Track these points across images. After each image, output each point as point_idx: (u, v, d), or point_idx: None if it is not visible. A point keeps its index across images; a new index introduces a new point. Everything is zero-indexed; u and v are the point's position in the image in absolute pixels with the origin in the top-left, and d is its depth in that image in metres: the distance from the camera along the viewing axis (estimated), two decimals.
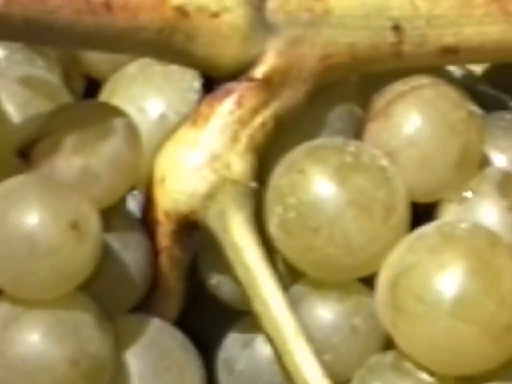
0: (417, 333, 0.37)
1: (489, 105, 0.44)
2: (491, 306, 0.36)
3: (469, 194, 0.40)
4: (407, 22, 0.41)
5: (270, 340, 0.38)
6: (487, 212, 0.39)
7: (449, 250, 0.37)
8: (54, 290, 0.36)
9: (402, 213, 0.39)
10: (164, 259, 0.40)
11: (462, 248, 0.37)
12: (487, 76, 0.47)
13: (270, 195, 0.39)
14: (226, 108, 0.39)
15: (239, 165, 0.39)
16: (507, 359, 0.38)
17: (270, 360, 0.40)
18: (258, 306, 0.37)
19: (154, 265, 0.40)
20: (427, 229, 0.38)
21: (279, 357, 0.38)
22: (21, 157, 0.38)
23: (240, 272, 0.38)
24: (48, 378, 0.35)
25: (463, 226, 0.38)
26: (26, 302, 0.36)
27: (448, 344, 0.37)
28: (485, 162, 0.41)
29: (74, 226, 0.36)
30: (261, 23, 0.39)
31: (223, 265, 0.39)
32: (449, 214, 0.40)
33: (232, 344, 0.42)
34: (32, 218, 0.35)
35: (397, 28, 0.40)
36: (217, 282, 0.41)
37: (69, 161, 0.37)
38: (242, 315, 0.41)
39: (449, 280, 0.36)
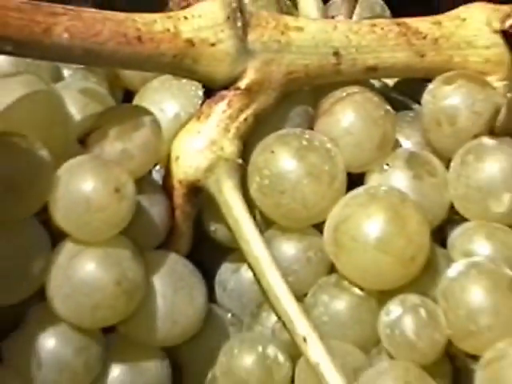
0: (351, 261, 0.39)
1: (398, 106, 0.44)
2: (402, 243, 0.38)
3: (386, 167, 0.41)
4: (344, 49, 0.42)
5: (251, 268, 0.39)
6: (399, 179, 0.40)
7: (373, 204, 0.38)
8: (103, 234, 0.38)
9: (342, 180, 0.40)
10: (178, 213, 0.41)
11: (382, 203, 0.38)
12: (397, 86, 0.47)
13: (251, 168, 0.41)
14: (220, 108, 0.41)
15: (229, 148, 0.41)
16: (412, 278, 0.38)
17: (251, 281, 0.42)
18: (243, 245, 0.39)
19: (171, 217, 0.41)
20: (358, 191, 0.40)
21: (258, 279, 0.39)
22: (80, 143, 0.39)
23: (230, 221, 0.40)
24: (100, 294, 0.37)
25: (383, 188, 0.39)
26: (84, 242, 0.37)
27: (373, 269, 0.38)
28: (396, 144, 0.42)
29: (117, 190, 0.37)
30: (244, 50, 0.40)
31: (219, 217, 0.41)
32: (373, 180, 0.41)
33: (225, 270, 0.44)
34: (88, 185, 0.37)
35: (336, 54, 0.41)
36: (215, 228, 0.42)
37: (113, 145, 0.38)
38: (231, 251, 0.43)
39: (373, 225, 0.38)
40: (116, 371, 0.40)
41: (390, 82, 0.48)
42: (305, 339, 0.37)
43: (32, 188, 0.38)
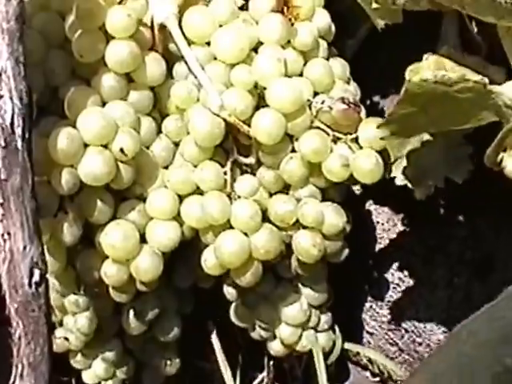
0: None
1: None
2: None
3: None
4: None
5: (185, 61, 0.50)
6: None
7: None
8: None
9: None
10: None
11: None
12: None
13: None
14: None
15: None
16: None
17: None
18: (184, 53, 0.50)
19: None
20: None
21: (186, 63, 0.50)
22: None
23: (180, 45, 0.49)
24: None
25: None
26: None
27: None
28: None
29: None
30: None
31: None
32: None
33: (178, 66, 0.52)
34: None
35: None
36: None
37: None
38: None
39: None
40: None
41: None
42: (200, 84, 0.49)
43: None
